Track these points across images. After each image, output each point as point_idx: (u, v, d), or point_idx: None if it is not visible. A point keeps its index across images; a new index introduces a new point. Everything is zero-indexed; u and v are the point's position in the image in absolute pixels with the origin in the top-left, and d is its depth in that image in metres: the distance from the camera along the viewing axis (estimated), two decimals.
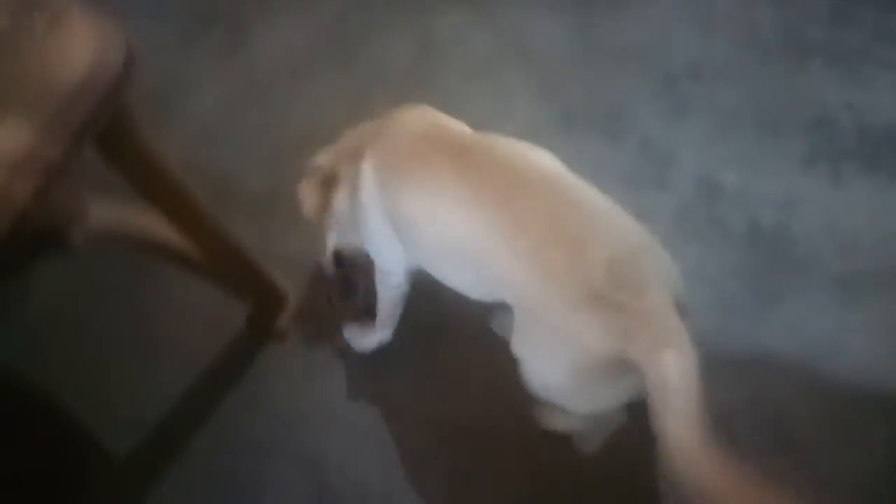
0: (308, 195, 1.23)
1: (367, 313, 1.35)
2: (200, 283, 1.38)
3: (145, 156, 0.87)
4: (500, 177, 0.96)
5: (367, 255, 1.21)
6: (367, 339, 1.34)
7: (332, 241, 1.30)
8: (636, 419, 1.02)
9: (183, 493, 1.37)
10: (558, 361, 0.92)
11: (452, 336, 1.45)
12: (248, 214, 1.61)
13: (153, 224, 1.10)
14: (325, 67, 1.92)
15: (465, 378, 1.42)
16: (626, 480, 1.28)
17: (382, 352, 1.39)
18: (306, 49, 1.96)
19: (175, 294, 1.52)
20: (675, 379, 0.83)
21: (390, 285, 1.22)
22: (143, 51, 0.78)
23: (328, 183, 1.18)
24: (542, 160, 1.04)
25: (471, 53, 1.93)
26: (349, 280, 1.38)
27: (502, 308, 1.05)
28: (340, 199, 1.16)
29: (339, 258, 1.33)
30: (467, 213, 0.95)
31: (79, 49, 0.69)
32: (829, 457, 1.27)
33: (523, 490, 1.31)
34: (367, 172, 1.09)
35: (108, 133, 0.76)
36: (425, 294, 1.29)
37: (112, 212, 1.14)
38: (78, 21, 0.71)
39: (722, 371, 1.33)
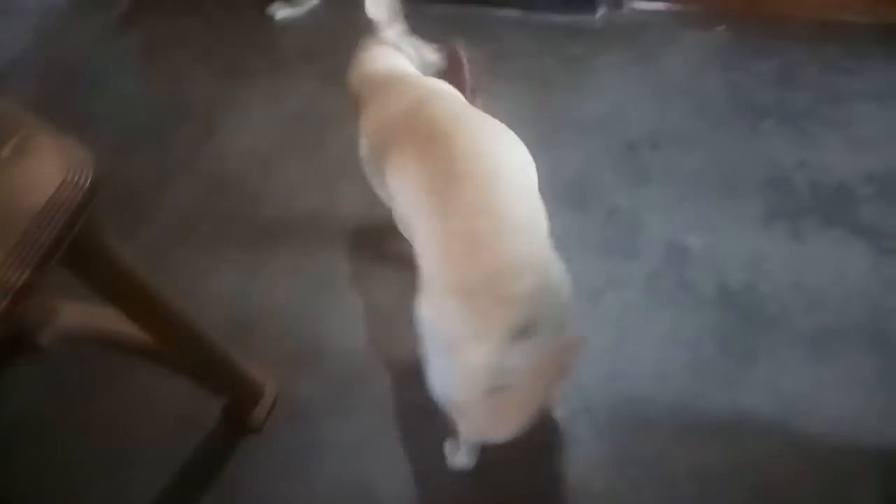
0: None
1: None
2: (171, 379, 1.36)
3: (112, 265, 0.88)
4: (447, 168, 1.04)
5: None
6: None
7: None
8: None
9: None
10: (435, 342, 1.01)
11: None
12: (223, 310, 1.62)
13: (123, 322, 1.10)
14: (296, 155, 1.97)
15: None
16: None
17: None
18: (276, 138, 2.02)
19: (146, 391, 1.49)
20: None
21: None
22: (117, 149, 0.81)
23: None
24: (501, 154, 1.12)
25: None
26: None
27: None
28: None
29: None
30: (415, 194, 1.07)
31: (46, 173, 0.71)
32: None
33: None
34: (364, 138, 1.30)
35: (75, 248, 0.77)
36: None
37: (81, 311, 1.13)
38: (45, 145, 0.74)
39: (702, 434, 1.35)
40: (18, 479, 1.44)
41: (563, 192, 1.80)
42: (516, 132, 1.28)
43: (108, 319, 1.10)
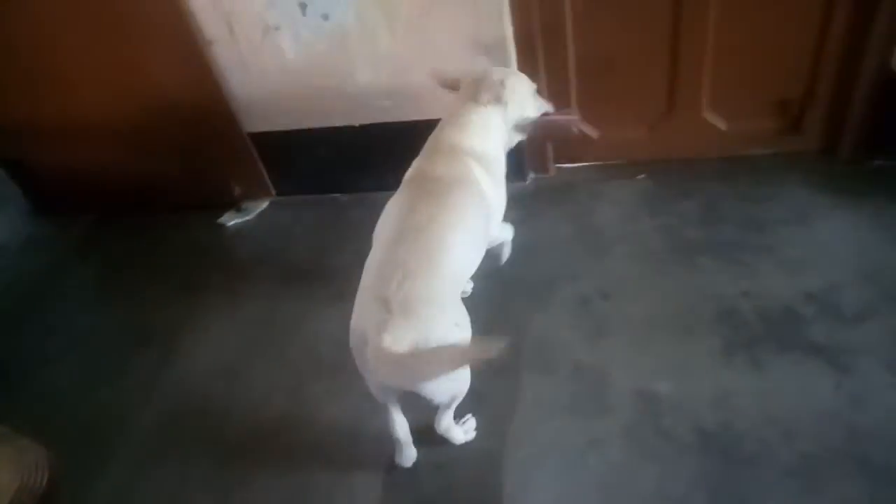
0: None
1: None
2: None
3: None
4: (412, 208, 1.51)
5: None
6: None
7: None
8: None
9: None
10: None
11: None
12: None
13: None
14: (259, 362, 1.97)
15: None
16: None
17: None
18: (238, 348, 2.03)
19: None
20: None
21: None
22: (78, 385, 0.80)
23: None
24: (448, 230, 1.48)
25: None
26: None
27: None
28: None
29: None
30: (390, 217, 1.54)
31: (1, 481, 0.70)
32: None
33: None
34: None
35: None
36: None
37: None
38: (1, 450, 0.74)
39: None
40: None
41: (527, 357, 1.83)
42: (466, 301, 1.42)
43: None
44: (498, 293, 2.03)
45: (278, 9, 2.08)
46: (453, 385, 1.46)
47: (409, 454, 1.62)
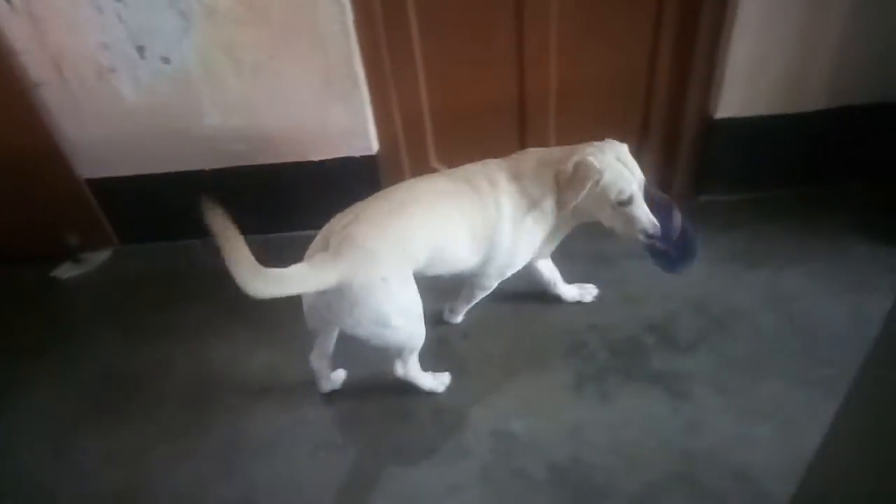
0: None
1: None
2: None
3: None
4: (422, 181, 1.72)
5: None
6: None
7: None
8: None
9: None
10: None
11: None
12: None
13: None
14: (97, 428, 1.81)
15: None
16: None
17: None
18: (72, 415, 1.85)
19: None
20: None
21: None
22: None
23: None
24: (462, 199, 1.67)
25: (254, 372, 1.97)
26: None
27: None
28: None
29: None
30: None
31: None
32: None
33: None
34: None
35: None
36: None
37: None
38: None
39: None
40: None
41: (386, 399, 1.81)
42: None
43: None
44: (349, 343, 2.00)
45: (113, 51, 1.97)
46: (381, 331, 1.56)
47: (325, 384, 1.85)
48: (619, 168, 1.63)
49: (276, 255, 2.35)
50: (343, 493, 1.61)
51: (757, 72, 2.00)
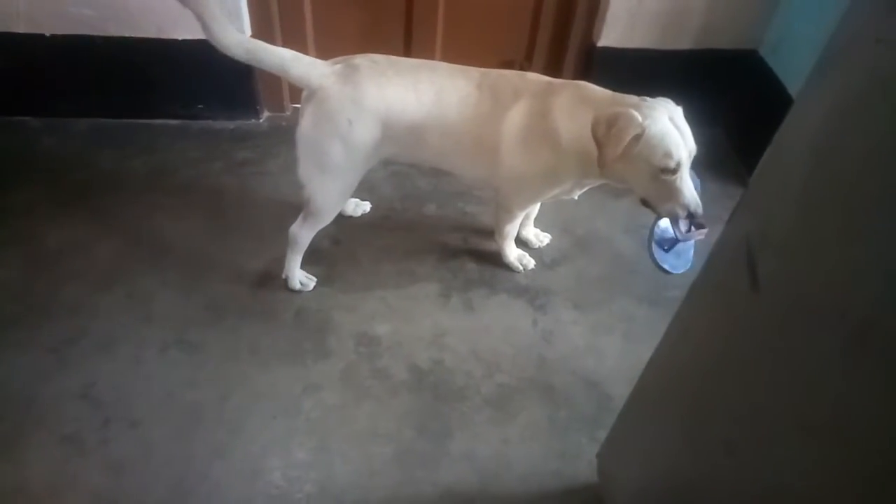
0: None
1: None
2: None
3: None
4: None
5: None
6: None
7: None
8: None
9: None
10: None
11: None
12: None
13: None
14: None
15: None
16: None
17: None
18: None
19: None
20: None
21: None
22: None
23: None
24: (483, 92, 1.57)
25: (97, 263, 1.80)
26: None
27: None
28: None
29: None
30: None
31: None
32: None
33: None
34: None
35: None
36: None
37: None
38: None
39: None
40: None
41: (247, 301, 1.74)
42: (189, 243, 1.22)
43: None
44: (219, 233, 1.89)
45: None
46: (313, 170, 1.56)
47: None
48: (670, 128, 1.42)
49: (125, 143, 2.16)
50: (193, 391, 1.54)
51: (639, 2, 2.05)
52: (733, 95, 2.30)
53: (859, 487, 0.65)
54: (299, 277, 1.78)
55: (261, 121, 2.30)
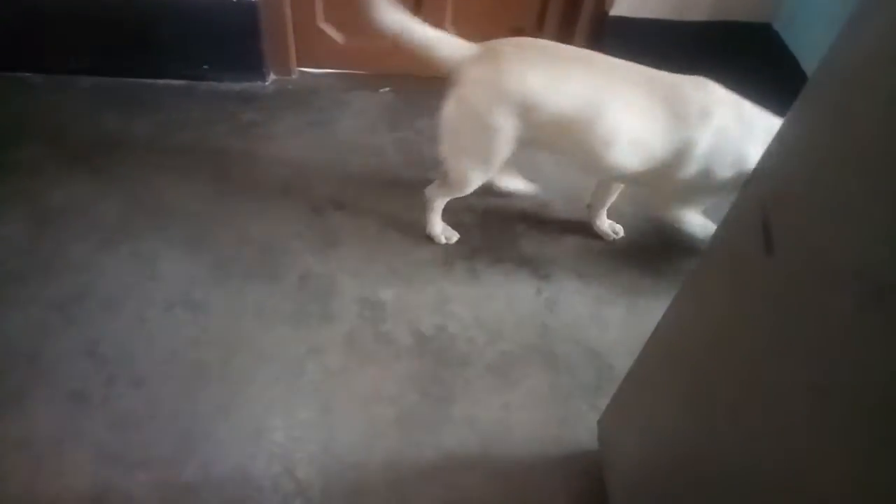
0: None
1: None
2: None
3: None
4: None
5: None
6: None
7: None
8: None
9: None
10: None
11: None
12: None
13: None
14: None
15: None
16: None
17: None
18: None
19: None
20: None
21: None
22: None
23: None
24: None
25: (100, 222, 1.79)
26: None
27: None
28: None
29: None
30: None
31: None
32: None
33: None
34: None
35: None
36: None
37: None
38: None
39: (416, 484, 1.37)
40: None
41: (252, 263, 1.74)
42: (190, 212, 1.20)
43: None
44: (223, 195, 1.88)
45: None
46: (451, 140, 1.59)
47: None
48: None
49: (130, 103, 2.14)
50: (197, 350, 1.55)
51: None
52: (746, 69, 2.26)
53: (866, 448, 0.65)
54: (442, 232, 1.86)
55: (267, 84, 2.28)
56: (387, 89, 2.34)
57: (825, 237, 0.71)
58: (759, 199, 0.82)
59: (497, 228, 1.93)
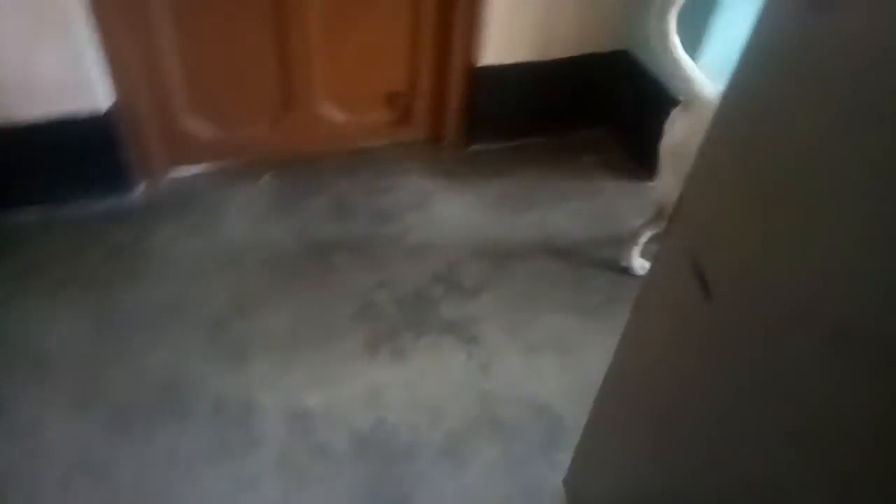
0: None
1: None
2: None
3: None
4: None
5: None
6: None
7: None
8: None
9: None
10: None
11: None
12: None
13: None
14: None
15: None
16: None
17: None
18: None
19: None
20: None
21: None
22: None
23: None
24: None
25: None
26: None
27: None
28: None
29: None
30: None
31: None
32: None
33: None
34: None
35: None
36: None
37: None
38: None
39: None
40: None
41: (154, 403, 1.55)
42: (76, 348, 1.03)
43: None
44: (107, 332, 1.69)
45: None
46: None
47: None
48: None
49: None
50: None
51: (513, 19, 2.05)
52: (612, 95, 2.36)
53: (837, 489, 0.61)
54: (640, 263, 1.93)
55: (135, 195, 2.09)
56: (268, 176, 2.23)
57: (764, 278, 0.69)
58: (685, 244, 0.79)
59: (413, 299, 1.85)
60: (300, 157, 2.29)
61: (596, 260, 2.01)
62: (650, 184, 2.24)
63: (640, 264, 1.96)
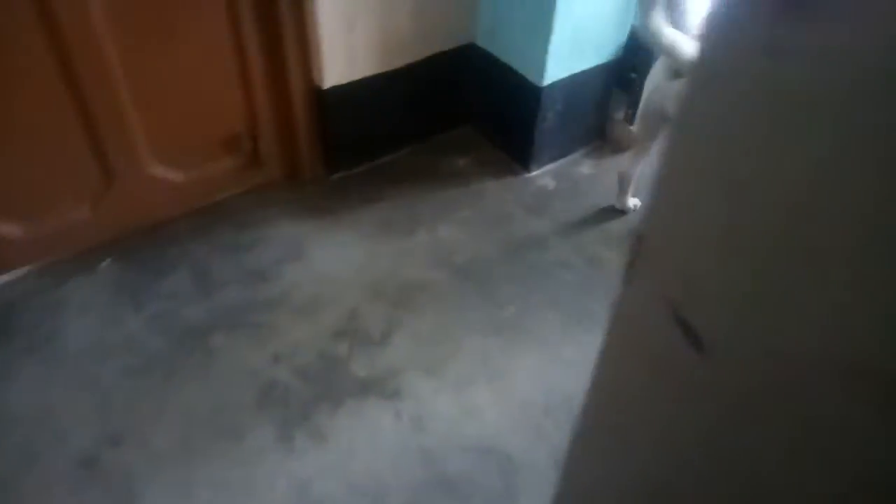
0: None
1: None
2: None
3: None
4: None
5: None
6: None
7: None
8: None
9: None
10: None
11: None
12: None
13: None
14: None
15: None
16: None
17: None
18: None
19: None
20: None
21: None
22: None
23: None
24: None
25: None
26: None
27: None
28: None
29: None
30: None
31: None
32: None
33: None
34: None
35: None
36: None
37: None
38: None
39: None
40: None
41: None
42: None
43: None
44: None
45: None
46: None
47: (626, 200, 2.05)
48: None
49: None
50: None
51: (349, 33, 1.85)
52: (469, 90, 2.24)
53: None
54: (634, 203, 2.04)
55: None
56: (107, 262, 1.88)
57: (769, 327, 0.57)
58: (661, 292, 0.66)
59: (318, 365, 1.64)
60: (141, 231, 1.96)
61: (498, 268, 1.89)
62: (534, 171, 2.17)
63: (633, 203, 2.06)
